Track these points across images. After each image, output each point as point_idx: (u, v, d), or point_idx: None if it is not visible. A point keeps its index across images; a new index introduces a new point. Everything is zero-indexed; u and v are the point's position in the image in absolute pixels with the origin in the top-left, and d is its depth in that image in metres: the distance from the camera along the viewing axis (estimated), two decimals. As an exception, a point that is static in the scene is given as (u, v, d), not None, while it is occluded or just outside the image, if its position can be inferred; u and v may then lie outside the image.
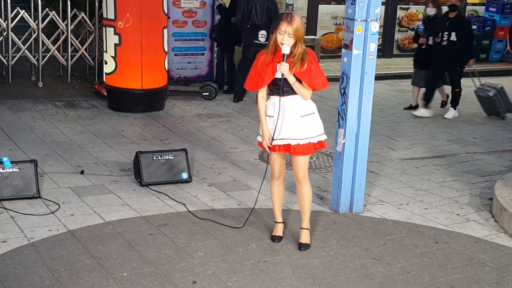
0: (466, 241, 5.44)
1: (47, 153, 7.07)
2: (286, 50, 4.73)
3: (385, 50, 14.19)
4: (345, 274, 4.74)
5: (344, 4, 5.75)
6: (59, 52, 10.70)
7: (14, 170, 5.76)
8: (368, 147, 5.85)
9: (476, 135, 8.92)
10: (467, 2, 15.04)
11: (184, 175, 6.39)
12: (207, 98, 10.06)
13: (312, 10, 13.52)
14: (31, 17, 10.41)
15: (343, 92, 5.61)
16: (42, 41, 10.33)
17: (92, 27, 10.70)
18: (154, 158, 6.32)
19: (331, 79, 6.05)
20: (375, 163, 7.35)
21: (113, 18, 8.90)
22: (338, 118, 5.70)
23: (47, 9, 10.42)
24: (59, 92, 10.04)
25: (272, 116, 4.91)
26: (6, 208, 5.54)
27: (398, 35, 14.46)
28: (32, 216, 5.44)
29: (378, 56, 5.89)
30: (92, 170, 6.62)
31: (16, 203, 5.66)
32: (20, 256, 4.73)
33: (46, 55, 10.44)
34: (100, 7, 10.10)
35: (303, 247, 5.04)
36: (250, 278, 4.59)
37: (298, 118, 4.87)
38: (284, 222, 5.30)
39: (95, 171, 6.60)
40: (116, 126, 8.36)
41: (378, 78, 10.60)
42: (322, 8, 13.66)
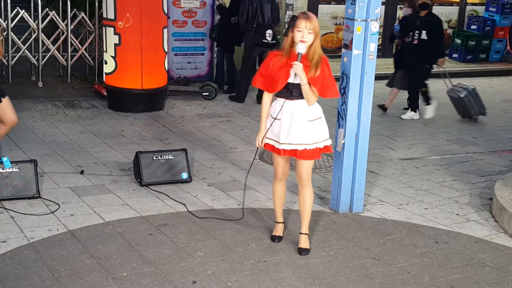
0: (466, 241, 5.44)
1: (47, 153, 7.07)
2: (301, 49, 4.62)
3: (385, 50, 14.15)
4: (345, 274, 4.74)
5: (344, 4, 5.74)
6: (59, 52, 10.70)
7: (14, 170, 5.76)
8: (368, 147, 5.85)
9: (476, 135, 8.92)
10: (467, 2, 15.03)
11: (184, 175, 6.39)
12: (207, 98, 10.06)
13: (312, 10, 13.50)
14: (31, 17, 10.41)
15: (343, 92, 5.61)
16: (42, 41, 10.33)
17: (92, 27, 10.70)
18: (154, 158, 6.32)
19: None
20: (375, 163, 7.35)
21: (113, 18, 8.89)
22: (338, 118, 5.70)
23: (47, 9, 10.42)
24: (59, 92, 10.04)
25: (279, 119, 4.83)
26: (6, 208, 5.55)
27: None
28: (32, 216, 5.44)
29: (378, 56, 5.89)
30: (92, 170, 6.62)
31: (16, 203, 5.66)
32: (20, 256, 4.73)
33: (46, 55, 10.44)
34: (100, 7, 10.10)
35: (303, 252, 5.01)
36: (250, 278, 4.60)
37: (306, 122, 4.80)
38: (284, 222, 5.30)
39: (95, 171, 6.60)
40: (116, 126, 8.36)
41: (378, 78, 10.56)
42: (322, 8, 13.65)
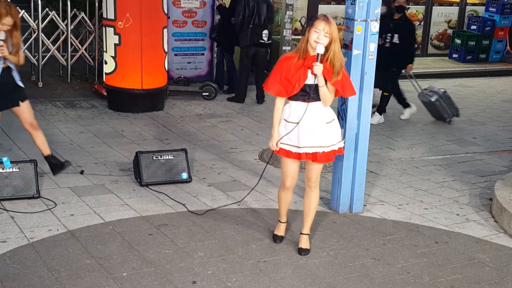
0: (466, 241, 5.44)
1: (47, 153, 7.07)
2: (320, 50, 4.52)
3: (385, 50, 14.17)
4: (345, 274, 4.74)
5: (344, 4, 5.74)
6: (59, 52, 10.69)
7: (14, 170, 5.76)
8: (368, 147, 5.85)
9: (476, 135, 8.92)
10: (467, 2, 15.03)
11: (184, 175, 6.39)
12: (207, 98, 10.06)
13: (312, 10, 13.51)
14: (31, 17, 10.40)
15: (343, 92, 5.60)
16: (42, 41, 10.32)
17: (92, 27, 10.70)
18: (154, 158, 6.32)
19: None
20: (375, 163, 7.35)
21: (113, 18, 8.89)
22: (338, 118, 5.68)
23: (47, 9, 10.41)
24: (59, 92, 10.04)
25: (296, 122, 4.70)
26: (6, 208, 5.55)
27: (398, 35, 14.45)
28: (32, 216, 5.44)
29: (378, 56, 5.89)
30: (92, 170, 6.62)
31: (16, 203, 5.66)
32: (20, 256, 4.73)
33: (46, 55, 10.44)
34: (100, 7, 10.10)
35: (303, 252, 5.00)
36: (250, 278, 4.59)
37: (324, 125, 4.74)
38: (287, 222, 5.27)
39: (95, 171, 6.60)
40: (116, 126, 8.36)
41: (378, 78, 10.61)
42: (322, 8, 13.64)
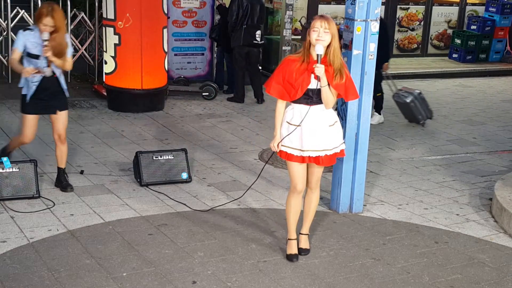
0: (466, 241, 5.44)
1: (47, 153, 7.06)
2: (320, 50, 4.46)
3: (385, 50, 14.17)
4: (344, 274, 4.74)
5: (344, 4, 5.74)
6: (59, 52, 10.69)
7: (14, 170, 5.76)
8: (368, 147, 5.85)
9: (476, 135, 8.92)
10: (467, 2, 15.03)
11: (184, 175, 6.39)
12: (207, 98, 10.06)
13: (312, 10, 13.50)
14: (31, 17, 10.40)
15: (343, 92, 5.60)
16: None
17: (92, 27, 10.70)
18: (154, 158, 6.32)
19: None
20: (375, 163, 7.35)
21: (113, 18, 8.89)
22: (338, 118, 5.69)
23: (47, 9, 10.40)
24: (59, 92, 10.03)
25: (298, 125, 4.64)
26: (6, 208, 5.54)
27: (398, 35, 14.45)
28: (32, 216, 5.44)
29: (378, 56, 5.89)
30: (92, 170, 6.62)
31: (16, 203, 5.66)
32: (19, 256, 4.73)
33: (46, 55, 10.43)
34: (100, 7, 10.10)
35: (303, 252, 4.98)
36: (250, 278, 4.59)
37: (327, 128, 4.68)
38: (297, 239, 5.02)
39: (95, 171, 6.60)
40: (116, 126, 8.36)
41: (378, 78, 10.60)
42: (322, 8, 13.64)
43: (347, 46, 5.57)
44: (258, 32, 9.85)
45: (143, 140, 7.82)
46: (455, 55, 14.41)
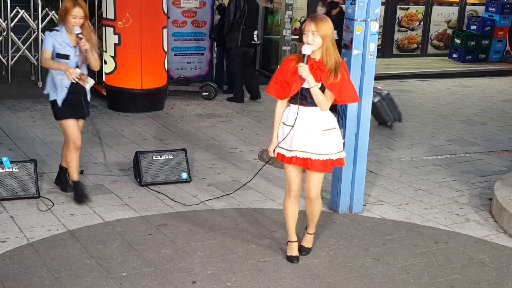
0: (466, 241, 5.44)
1: (46, 153, 7.07)
2: (306, 50, 4.45)
3: (384, 50, 14.17)
4: (344, 274, 4.74)
5: (344, 4, 5.75)
6: (59, 52, 10.69)
7: (14, 170, 5.76)
8: (368, 147, 5.85)
9: (476, 135, 8.92)
10: (467, 2, 15.03)
11: (184, 175, 6.39)
12: (206, 98, 10.06)
13: (312, 10, 13.48)
14: (30, 16, 10.41)
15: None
16: (42, 40, 10.32)
17: (92, 27, 10.69)
18: (154, 158, 6.32)
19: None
20: (375, 163, 7.35)
21: (112, 18, 8.89)
22: (338, 118, 5.69)
23: (46, 8, 10.41)
24: (58, 92, 10.03)
25: (291, 125, 4.63)
26: (5, 208, 5.55)
27: (397, 35, 14.45)
28: (32, 216, 5.44)
29: (378, 56, 5.89)
30: (91, 170, 6.62)
31: (15, 203, 5.66)
32: (19, 256, 4.73)
33: (46, 55, 10.43)
34: (100, 7, 10.10)
35: (304, 251, 4.95)
36: (250, 278, 4.59)
37: (320, 131, 4.59)
38: (298, 241, 4.98)
39: (94, 171, 6.60)
40: (116, 126, 8.35)
41: (378, 78, 10.60)
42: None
43: (347, 46, 5.57)
44: (256, 33, 9.96)
45: (143, 140, 7.82)
46: (455, 55, 14.41)
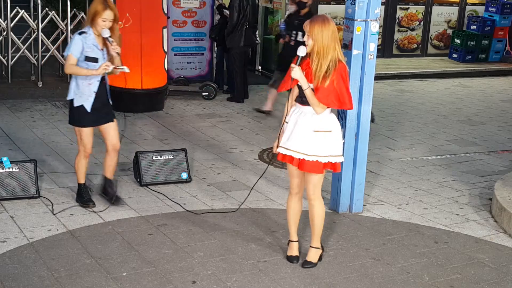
0: (466, 241, 5.44)
1: (46, 153, 7.07)
2: (301, 52, 4.48)
3: (384, 50, 14.16)
4: (344, 274, 4.74)
5: (344, 4, 5.75)
6: (59, 52, 10.68)
7: (14, 170, 5.76)
8: (368, 147, 5.85)
9: (475, 135, 8.92)
10: (467, 2, 15.03)
11: (184, 175, 6.39)
12: (206, 98, 10.06)
13: (312, 10, 13.49)
14: (30, 16, 10.41)
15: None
16: (42, 41, 10.32)
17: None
18: (154, 158, 6.32)
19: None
20: (375, 163, 7.35)
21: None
22: (338, 118, 5.68)
23: (46, 8, 10.42)
24: (59, 92, 10.02)
25: (287, 122, 4.67)
26: (5, 208, 5.54)
27: (397, 35, 14.44)
28: (32, 216, 5.44)
29: (378, 56, 5.89)
30: (91, 170, 6.61)
31: (15, 203, 5.66)
32: (19, 256, 4.73)
33: (46, 55, 10.44)
34: (99, 7, 10.09)
35: (307, 264, 4.79)
36: (250, 278, 4.59)
37: (310, 132, 4.55)
38: (299, 241, 4.97)
39: (94, 171, 6.59)
40: (116, 126, 8.34)
41: (378, 78, 10.61)
42: (322, 8, 13.63)
43: (347, 46, 5.57)
44: (257, 33, 10.05)
45: (143, 140, 7.82)
46: (455, 55, 14.41)
